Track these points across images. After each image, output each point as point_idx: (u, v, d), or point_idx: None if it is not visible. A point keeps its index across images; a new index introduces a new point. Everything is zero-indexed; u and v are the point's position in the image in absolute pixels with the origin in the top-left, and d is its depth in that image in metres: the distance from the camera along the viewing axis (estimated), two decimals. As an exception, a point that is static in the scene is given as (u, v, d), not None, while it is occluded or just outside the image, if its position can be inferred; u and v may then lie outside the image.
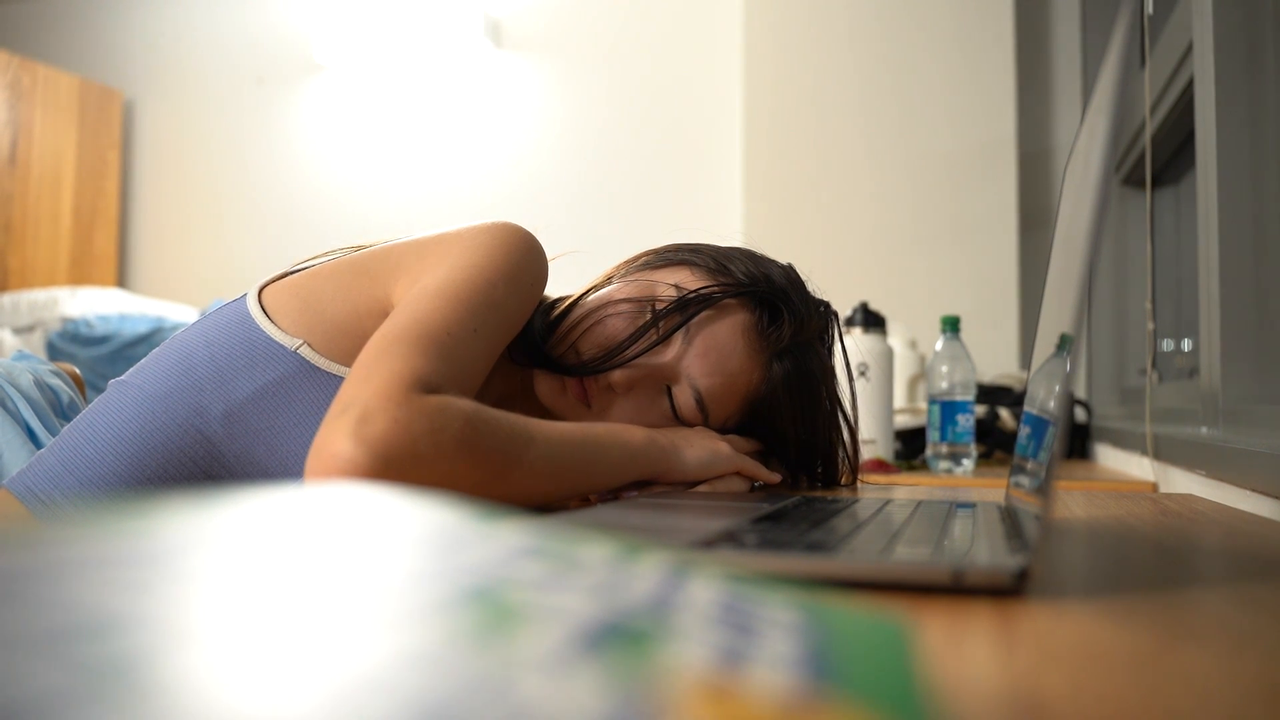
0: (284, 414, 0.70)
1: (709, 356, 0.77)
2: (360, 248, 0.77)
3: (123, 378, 0.75)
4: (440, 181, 3.08)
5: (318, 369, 0.71)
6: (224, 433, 0.70)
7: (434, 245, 0.72)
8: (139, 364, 0.75)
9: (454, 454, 0.55)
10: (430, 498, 0.24)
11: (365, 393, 0.55)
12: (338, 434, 0.52)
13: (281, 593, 0.15)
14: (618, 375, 0.76)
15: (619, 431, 0.70)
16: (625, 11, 2.91)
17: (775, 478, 0.82)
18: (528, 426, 0.61)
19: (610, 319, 0.78)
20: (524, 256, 0.72)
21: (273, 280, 0.76)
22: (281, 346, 0.71)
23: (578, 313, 0.80)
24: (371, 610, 0.15)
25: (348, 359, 0.71)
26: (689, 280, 0.79)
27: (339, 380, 0.70)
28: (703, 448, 0.76)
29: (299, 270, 0.77)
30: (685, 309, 0.77)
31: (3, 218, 3.20)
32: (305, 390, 0.70)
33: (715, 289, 0.78)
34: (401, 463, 0.52)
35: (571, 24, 2.97)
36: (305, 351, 0.71)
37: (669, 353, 0.77)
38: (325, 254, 0.79)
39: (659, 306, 0.78)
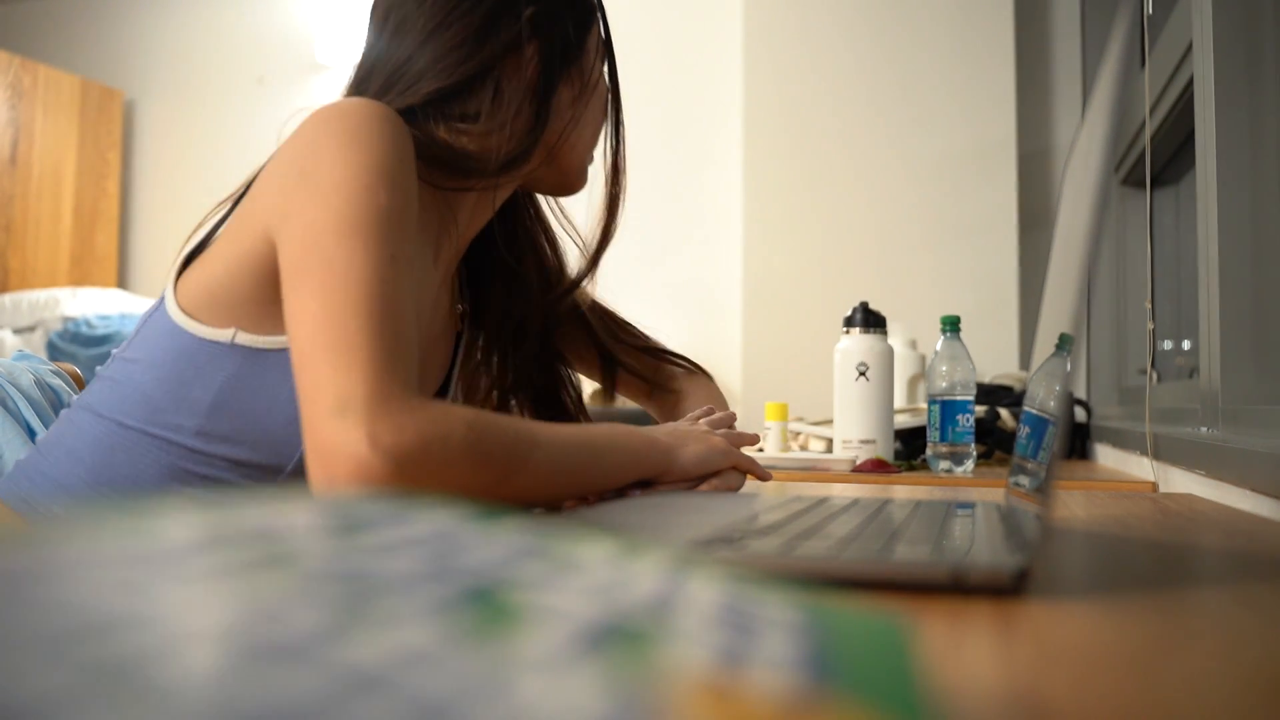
0: (252, 404, 0.70)
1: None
2: (233, 203, 0.76)
3: (88, 402, 0.74)
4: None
5: (262, 350, 0.70)
6: (204, 445, 0.70)
7: (289, 168, 0.67)
8: (95, 387, 0.74)
9: (462, 458, 0.55)
10: (434, 499, 0.24)
11: (356, 389, 0.55)
12: (346, 436, 0.53)
13: (281, 592, 0.15)
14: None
15: (619, 434, 0.71)
16: (624, 12, 2.91)
17: (769, 474, 0.84)
18: (531, 431, 0.62)
19: (580, 130, 0.83)
20: (383, 143, 0.66)
21: (177, 275, 0.74)
22: (218, 344, 0.70)
23: (565, 160, 0.84)
24: (372, 610, 0.15)
25: (282, 324, 0.68)
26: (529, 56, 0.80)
27: (287, 354, 0.68)
28: (700, 444, 0.77)
29: (191, 253, 0.75)
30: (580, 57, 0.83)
31: (3, 218, 3.20)
32: (260, 375, 0.70)
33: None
34: (415, 466, 0.53)
35: (571, 24, 2.97)
36: (242, 339, 0.70)
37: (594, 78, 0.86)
38: (203, 224, 0.77)
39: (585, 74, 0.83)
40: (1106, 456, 1.68)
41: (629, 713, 0.13)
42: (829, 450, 1.47)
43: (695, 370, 1.03)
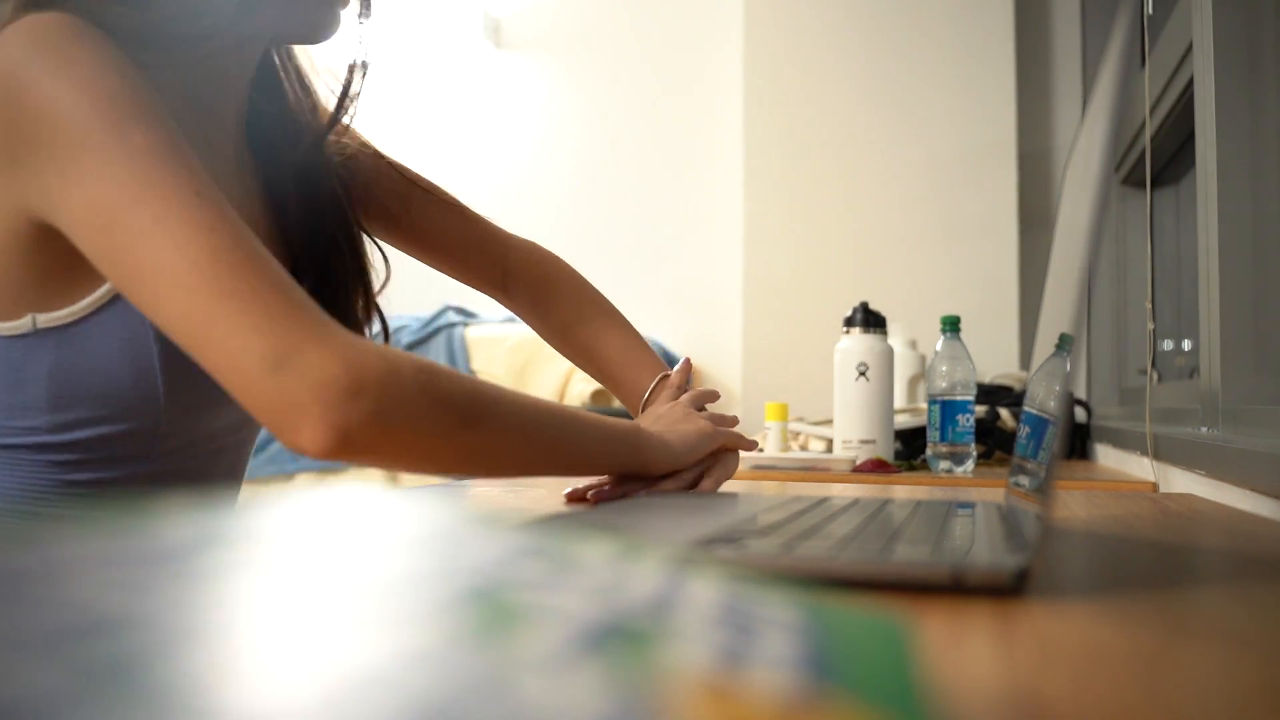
0: (89, 381, 0.65)
1: None
2: None
3: None
4: (439, 181, 3.08)
5: (70, 325, 0.65)
6: (64, 436, 0.66)
7: (7, 134, 0.58)
8: None
9: (419, 396, 0.52)
10: (413, 467, 0.24)
11: (281, 341, 0.50)
12: (298, 385, 0.49)
13: (281, 592, 0.15)
14: None
15: (600, 417, 0.68)
16: (626, 12, 2.91)
17: (755, 442, 0.83)
18: (493, 388, 0.58)
19: None
20: (97, 67, 0.57)
21: None
22: (22, 337, 0.65)
23: None
24: (371, 610, 0.15)
25: (77, 288, 0.64)
26: None
27: (98, 317, 0.65)
28: (689, 426, 0.76)
29: None
30: None
31: (3, 218, 3.20)
32: (82, 350, 0.65)
33: None
34: (380, 401, 0.50)
35: (572, 24, 2.97)
36: (43, 321, 0.64)
37: None
38: None
39: None
40: (1106, 456, 1.68)
41: (629, 713, 0.13)
42: (829, 450, 1.47)
43: (552, 258, 0.92)
